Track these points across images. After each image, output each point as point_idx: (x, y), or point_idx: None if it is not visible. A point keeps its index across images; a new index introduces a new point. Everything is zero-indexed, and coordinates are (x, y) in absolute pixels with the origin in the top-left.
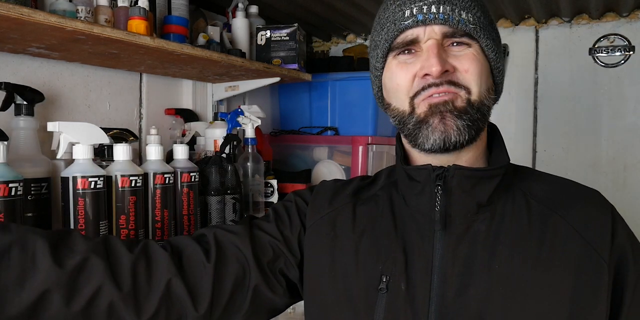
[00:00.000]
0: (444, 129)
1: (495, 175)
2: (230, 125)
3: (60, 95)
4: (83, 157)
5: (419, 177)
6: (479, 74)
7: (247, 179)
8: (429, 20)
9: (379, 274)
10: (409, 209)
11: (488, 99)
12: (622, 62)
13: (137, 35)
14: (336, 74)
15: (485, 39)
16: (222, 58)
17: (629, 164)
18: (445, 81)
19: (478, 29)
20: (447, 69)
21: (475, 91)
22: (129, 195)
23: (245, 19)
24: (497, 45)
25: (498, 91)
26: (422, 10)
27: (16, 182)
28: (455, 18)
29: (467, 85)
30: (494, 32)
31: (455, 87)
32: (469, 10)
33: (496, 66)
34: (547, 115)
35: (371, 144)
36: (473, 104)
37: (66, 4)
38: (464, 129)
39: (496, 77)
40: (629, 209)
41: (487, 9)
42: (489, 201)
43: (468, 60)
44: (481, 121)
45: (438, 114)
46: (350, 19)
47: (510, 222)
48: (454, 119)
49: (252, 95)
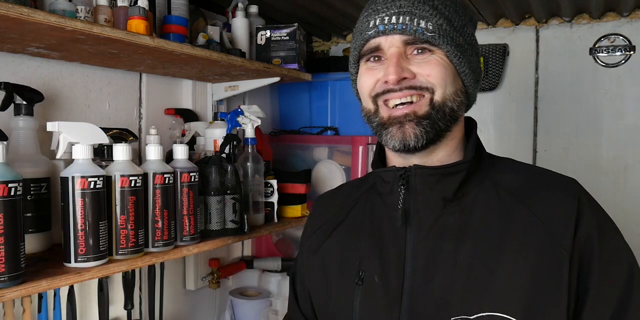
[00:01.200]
0: (402, 136)
1: (458, 171)
2: (230, 125)
3: (59, 95)
4: (83, 157)
5: (387, 178)
6: (443, 77)
7: (247, 179)
8: (389, 30)
9: (357, 269)
10: (386, 208)
11: (453, 101)
12: (622, 62)
13: (136, 35)
14: (336, 73)
15: (447, 45)
16: (222, 58)
17: (630, 164)
18: (405, 87)
19: (437, 36)
20: (405, 77)
21: (439, 93)
22: (128, 195)
23: (245, 19)
24: (463, 51)
25: (469, 93)
26: (384, 21)
27: (16, 182)
28: (413, 28)
29: (431, 87)
30: (461, 37)
31: (417, 90)
32: (428, 19)
33: (462, 70)
34: (548, 115)
35: (371, 144)
36: (435, 104)
37: (66, 4)
38: (421, 135)
39: (464, 80)
40: (629, 209)
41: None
42: (457, 195)
43: (430, 65)
44: (443, 122)
45: (397, 124)
46: (350, 19)
47: (478, 214)
48: (412, 126)
49: (252, 95)
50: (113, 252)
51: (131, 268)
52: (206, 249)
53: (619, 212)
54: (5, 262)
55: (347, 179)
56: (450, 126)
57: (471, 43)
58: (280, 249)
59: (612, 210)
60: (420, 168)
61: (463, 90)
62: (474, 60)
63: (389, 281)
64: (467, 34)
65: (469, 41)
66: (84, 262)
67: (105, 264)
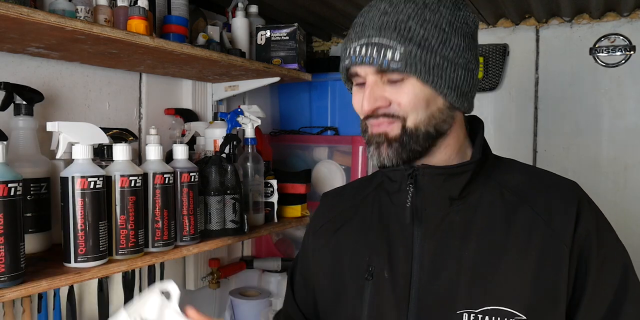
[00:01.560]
0: (378, 155)
1: (464, 171)
2: (230, 125)
3: (59, 95)
4: (82, 157)
5: (395, 177)
6: (413, 105)
7: (247, 179)
8: (359, 62)
9: (367, 265)
10: (394, 206)
11: (428, 124)
12: (622, 61)
13: (136, 35)
14: (336, 73)
15: (417, 72)
16: (222, 58)
17: (630, 164)
18: (381, 114)
19: (404, 65)
20: (378, 106)
21: (411, 119)
22: (128, 195)
23: (245, 19)
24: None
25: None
26: (355, 52)
27: (15, 182)
28: (379, 61)
29: (403, 115)
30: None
31: (390, 118)
32: (395, 48)
33: (441, 91)
34: (548, 115)
35: None
36: (407, 130)
37: (65, 4)
38: (394, 156)
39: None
40: (629, 209)
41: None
42: (463, 194)
43: (400, 94)
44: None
45: (374, 144)
46: (350, 19)
47: (483, 212)
48: (386, 148)
49: (252, 95)
50: (113, 252)
51: (131, 268)
52: (206, 249)
53: (619, 212)
54: (5, 262)
55: (347, 179)
56: (434, 142)
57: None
58: (280, 249)
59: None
60: (428, 167)
61: (445, 107)
62: (459, 74)
63: (398, 276)
64: (449, 48)
65: (451, 56)
66: (83, 262)
67: (105, 264)
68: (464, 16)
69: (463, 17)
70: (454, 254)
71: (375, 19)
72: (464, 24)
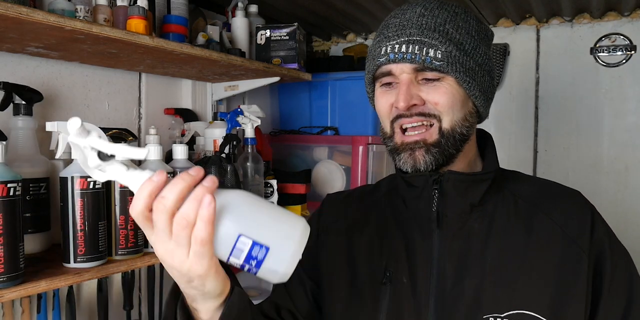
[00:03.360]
0: (412, 163)
1: (485, 179)
2: (229, 125)
3: (59, 94)
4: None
5: (417, 182)
6: (450, 105)
7: (246, 179)
8: (398, 59)
9: (383, 270)
10: (409, 212)
11: (462, 126)
12: (623, 61)
13: (136, 35)
14: (336, 73)
15: (456, 72)
16: (222, 57)
17: (631, 164)
18: (415, 113)
19: (446, 64)
20: (414, 104)
21: (447, 120)
22: (128, 195)
23: (244, 19)
24: (473, 75)
25: (481, 112)
26: (394, 49)
27: (15, 182)
28: (422, 57)
29: (438, 115)
30: (472, 60)
31: (426, 117)
32: (437, 47)
33: (473, 94)
34: (548, 115)
35: (371, 144)
36: (444, 132)
37: (65, 3)
38: (431, 162)
39: (475, 102)
40: (630, 209)
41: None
42: (481, 202)
43: (438, 93)
44: (453, 148)
45: (409, 150)
46: (350, 19)
47: (501, 219)
48: (422, 154)
49: (252, 95)
50: (112, 252)
51: (130, 268)
52: None
53: (620, 212)
54: (5, 263)
55: (347, 179)
56: (462, 147)
57: (483, 63)
58: None
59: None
60: (453, 173)
61: (474, 111)
62: (486, 80)
63: (417, 282)
64: (479, 55)
65: (480, 62)
66: (83, 262)
67: (105, 264)
68: (485, 28)
69: (485, 29)
70: (477, 259)
71: (413, 20)
72: (485, 36)
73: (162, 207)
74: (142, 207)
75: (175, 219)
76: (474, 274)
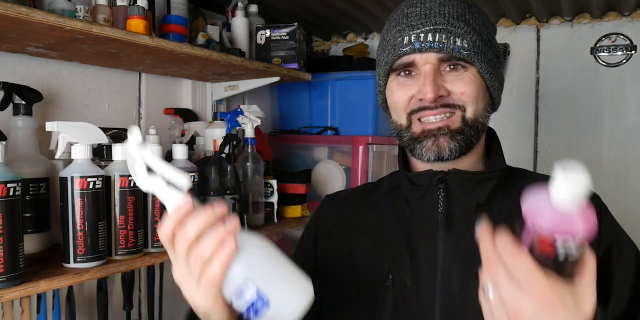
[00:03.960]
0: (437, 150)
1: (492, 178)
2: (229, 125)
3: (58, 94)
4: (82, 157)
5: (421, 181)
6: (475, 95)
7: (246, 179)
8: (425, 48)
9: (386, 272)
10: (412, 211)
11: (483, 116)
12: (623, 61)
13: (136, 35)
14: (336, 73)
15: (480, 62)
16: (222, 57)
17: (631, 164)
18: (440, 105)
19: (472, 54)
20: (441, 95)
21: (470, 110)
22: (127, 195)
23: (244, 18)
24: (493, 65)
25: (495, 104)
26: (419, 38)
27: (14, 182)
28: (450, 46)
29: (464, 105)
30: (491, 52)
31: (450, 108)
32: (464, 36)
33: (492, 85)
34: (549, 115)
35: (371, 144)
36: (468, 121)
37: (65, 3)
38: (455, 149)
39: (492, 93)
40: (631, 209)
41: (486, 29)
42: (487, 201)
43: (464, 84)
44: (475, 137)
45: (432, 137)
46: (350, 18)
47: (507, 219)
48: (447, 140)
49: (252, 95)
50: (112, 252)
51: (130, 268)
52: None
53: (620, 212)
54: (4, 263)
55: (347, 179)
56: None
57: (498, 55)
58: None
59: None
60: (459, 172)
61: (491, 103)
62: (501, 72)
63: (422, 284)
64: (495, 47)
65: (497, 54)
66: (83, 262)
67: (104, 264)
68: (492, 22)
69: (492, 22)
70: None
71: (436, 9)
72: (494, 29)
73: (182, 237)
74: (167, 231)
75: (193, 253)
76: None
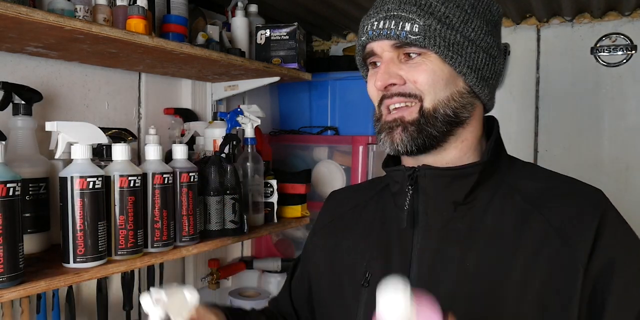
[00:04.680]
0: (390, 141)
1: (469, 174)
2: (229, 125)
3: (58, 94)
4: (81, 157)
5: (397, 177)
6: (431, 83)
7: (246, 179)
8: (376, 36)
9: (364, 271)
10: (396, 208)
11: (446, 106)
12: (624, 61)
13: (135, 35)
14: (336, 73)
15: (435, 46)
16: (222, 57)
17: (631, 164)
18: (395, 93)
19: (422, 38)
20: (393, 83)
21: (428, 99)
22: (127, 195)
23: (244, 18)
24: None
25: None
26: (372, 27)
27: (14, 182)
28: (397, 32)
29: (420, 95)
30: (458, 35)
31: (406, 97)
32: (414, 21)
33: (460, 70)
34: (549, 115)
35: (371, 144)
36: (425, 112)
37: (64, 3)
38: (408, 141)
39: (467, 80)
40: (631, 209)
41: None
42: (469, 199)
43: (417, 71)
44: (435, 129)
45: (387, 129)
46: (350, 18)
47: (489, 220)
48: (400, 133)
49: (252, 95)
50: (112, 252)
51: (130, 268)
52: (206, 249)
53: (621, 212)
54: (4, 263)
55: (347, 179)
56: (452, 130)
57: (476, 39)
58: (279, 250)
59: None
60: (429, 168)
61: (465, 91)
62: (480, 57)
63: None
64: (470, 29)
65: (472, 37)
66: (82, 262)
67: (104, 264)
68: (488, 3)
69: (487, 3)
70: (454, 265)
71: None
72: (487, 10)
73: None
74: None
75: None
76: (450, 279)
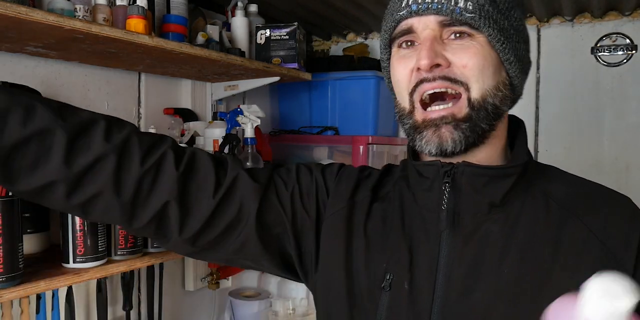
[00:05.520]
0: (438, 141)
1: (510, 174)
2: (229, 124)
3: (58, 94)
4: None
5: (428, 173)
6: (480, 69)
7: None
8: (422, 10)
9: (384, 272)
10: (418, 206)
11: (494, 96)
12: (624, 61)
13: (135, 34)
14: (336, 73)
15: (488, 28)
16: (221, 57)
17: (632, 164)
18: (439, 76)
19: (477, 17)
20: (438, 63)
21: (475, 88)
22: None
23: (244, 18)
24: (507, 35)
25: (515, 85)
26: (417, 0)
27: None
28: (450, 7)
29: (466, 82)
30: (506, 21)
31: (451, 82)
32: None
33: (506, 58)
34: (549, 114)
35: (372, 144)
36: (474, 104)
37: (64, 3)
38: (460, 140)
39: (509, 70)
40: None
41: None
42: (504, 201)
43: (467, 54)
44: (486, 122)
45: (433, 126)
46: (350, 18)
47: (526, 224)
48: (450, 130)
49: (252, 95)
50: (112, 252)
51: (130, 269)
52: None
53: None
54: (4, 263)
55: None
56: (495, 124)
57: (518, 28)
58: None
59: None
60: (469, 166)
61: (507, 82)
62: (522, 47)
63: (420, 290)
64: (514, 18)
65: (516, 26)
66: (82, 262)
67: (104, 264)
68: None
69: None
70: (492, 269)
71: None
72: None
73: None
74: None
75: None
76: (486, 287)
